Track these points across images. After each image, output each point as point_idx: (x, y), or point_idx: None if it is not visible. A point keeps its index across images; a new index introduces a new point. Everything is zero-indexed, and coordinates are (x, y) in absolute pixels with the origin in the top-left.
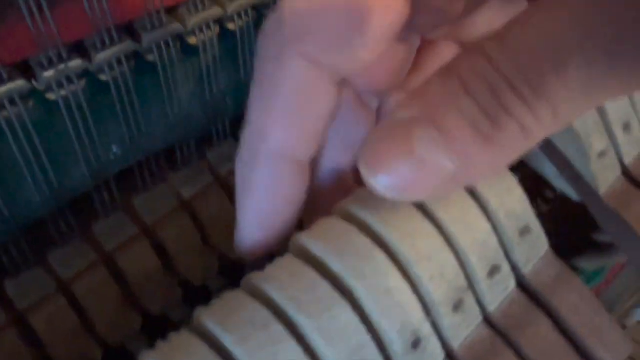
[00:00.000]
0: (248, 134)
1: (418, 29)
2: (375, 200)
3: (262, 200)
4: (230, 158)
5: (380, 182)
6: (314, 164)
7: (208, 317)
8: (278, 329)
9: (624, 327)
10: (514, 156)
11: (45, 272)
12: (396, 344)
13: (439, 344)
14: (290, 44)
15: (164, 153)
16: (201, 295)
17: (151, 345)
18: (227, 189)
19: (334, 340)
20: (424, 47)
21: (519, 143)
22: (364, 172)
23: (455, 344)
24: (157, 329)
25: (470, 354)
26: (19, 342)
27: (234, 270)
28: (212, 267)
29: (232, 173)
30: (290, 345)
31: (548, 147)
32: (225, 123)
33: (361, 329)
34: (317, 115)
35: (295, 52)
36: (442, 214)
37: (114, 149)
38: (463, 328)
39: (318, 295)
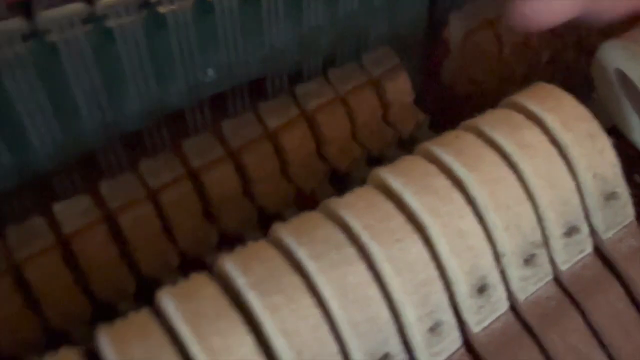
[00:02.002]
0: None
1: None
2: (460, 144)
3: None
4: (318, 95)
5: None
6: None
7: (285, 231)
8: (351, 251)
9: None
10: None
11: (135, 178)
12: (463, 285)
13: (505, 294)
14: None
15: (255, 84)
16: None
17: None
18: (311, 123)
19: (402, 271)
20: None
21: None
22: None
23: (521, 296)
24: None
25: (534, 309)
26: (108, 237)
27: (308, 202)
28: (287, 197)
29: (317, 110)
30: (361, 269)
31: None
32: (318, 61)
33: (430, 265)
34: None
35: None
36: (525, 166)
37: (210, 72)
38: (532, 283)
39: (392, 226)
